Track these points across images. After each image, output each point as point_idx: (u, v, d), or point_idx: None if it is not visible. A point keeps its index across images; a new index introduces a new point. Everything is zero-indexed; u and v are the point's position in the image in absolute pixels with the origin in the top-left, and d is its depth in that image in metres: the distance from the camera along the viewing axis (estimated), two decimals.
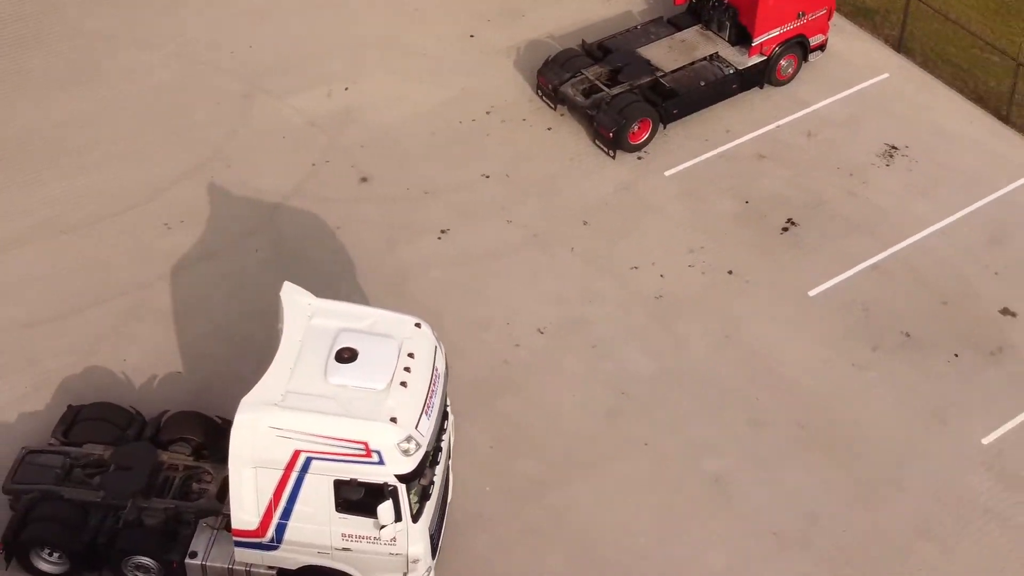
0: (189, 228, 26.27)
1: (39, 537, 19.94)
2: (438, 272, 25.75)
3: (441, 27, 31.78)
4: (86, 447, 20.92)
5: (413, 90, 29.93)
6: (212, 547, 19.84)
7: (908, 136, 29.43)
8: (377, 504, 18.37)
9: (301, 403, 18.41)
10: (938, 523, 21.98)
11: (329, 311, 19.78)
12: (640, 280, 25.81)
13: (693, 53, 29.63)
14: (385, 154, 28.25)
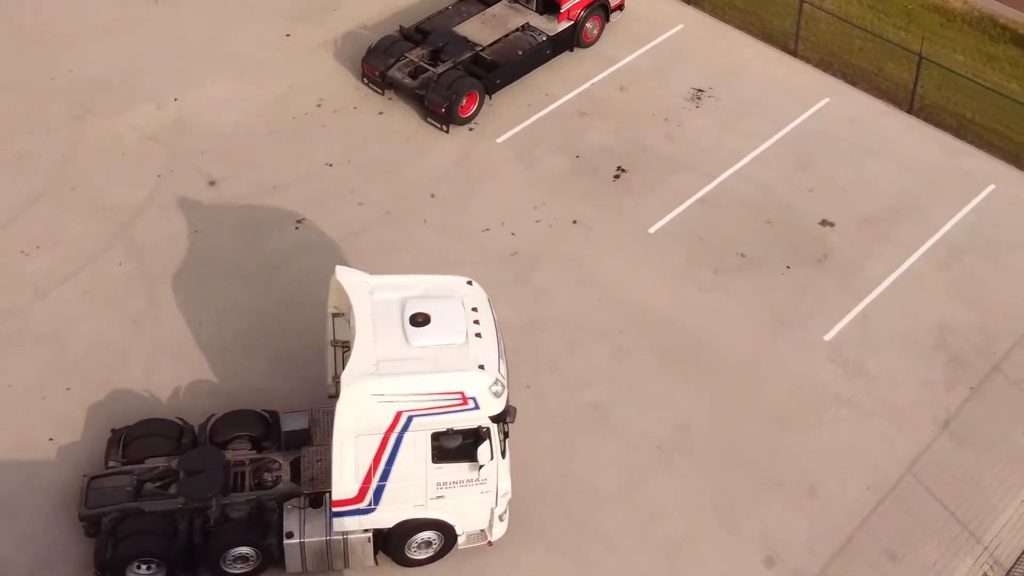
0: (47, 252, 26.54)
1: (135, 552, 20.51)
2: (303, 259, 26.75)
3: (256, 30, 32.61)
4: (148, 462, 21.56)
5: (241, 93, 30.75)
6: (305, 525, 20.91)
7: (710, 79, 31.84)
8: (473, 448, 20.05)
9: (396, 368, 19.89)
10: (797, 415, 24.36)
11: (386, 284, 21.26)
12: (493, 241, 27.40)
13: (506, 26, 31.34)
14: (227, 156, 29.02)
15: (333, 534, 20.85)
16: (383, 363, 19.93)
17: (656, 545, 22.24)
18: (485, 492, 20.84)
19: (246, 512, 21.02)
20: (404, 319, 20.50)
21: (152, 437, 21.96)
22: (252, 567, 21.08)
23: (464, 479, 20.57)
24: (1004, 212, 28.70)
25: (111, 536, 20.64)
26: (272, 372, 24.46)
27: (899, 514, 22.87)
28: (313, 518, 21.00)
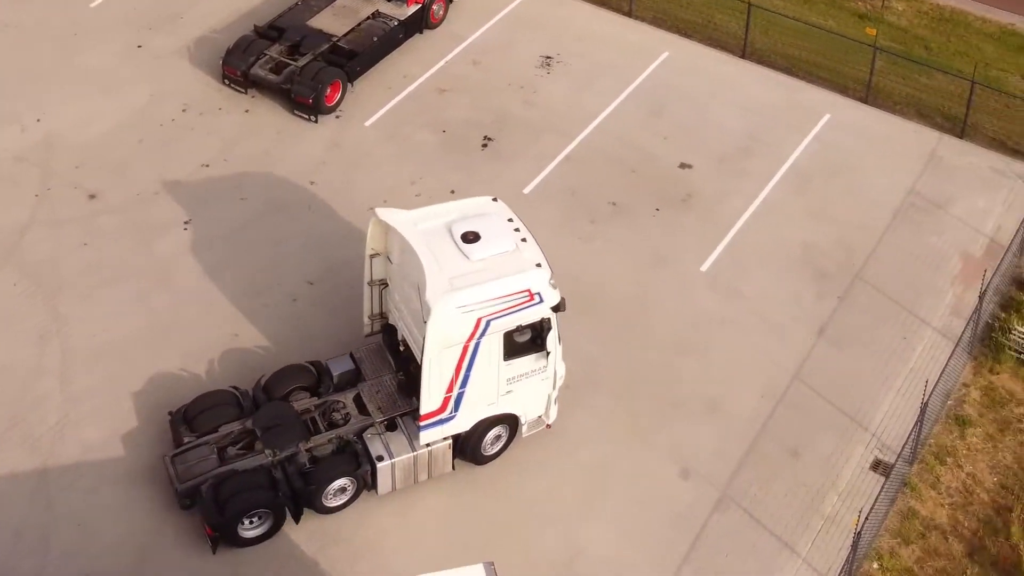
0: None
1: (245, 507, 21.80)
2: (194, 258, 27.38)
3: (106, 44, 32.87)
4: (222, 430, 22.84)
5: (104, 106, 31.03)
6: (390, 447, 22.68)
7: (556, 45, 33.51)
8: (539, 339, 22.44)
9: (470, 280, 21.87)
10: (689, 341, 26.20)
11: (425, 216, 23.01)
12: None
13: (358, 15, 32.38)
14: (102, 169, 29.35)
15: (419, 448, 22.77)
16: (455, 279, 21.92)
17: (578, 470, 23.82)
18: (545, 379, 23.16)
19: (332, 450, 22.78)
20: (456, 240, 22.48)
21: (215, 408, 23.16)
22: (349, 496, 22.77)
23: (530, 370, 22.88)
24: (841, 137, 31.12)
25: (214, 500, 21.87)
26: (187, 366, 25.15)
27: (793, 416, 24.94)
28: (394, 440, 22.91)
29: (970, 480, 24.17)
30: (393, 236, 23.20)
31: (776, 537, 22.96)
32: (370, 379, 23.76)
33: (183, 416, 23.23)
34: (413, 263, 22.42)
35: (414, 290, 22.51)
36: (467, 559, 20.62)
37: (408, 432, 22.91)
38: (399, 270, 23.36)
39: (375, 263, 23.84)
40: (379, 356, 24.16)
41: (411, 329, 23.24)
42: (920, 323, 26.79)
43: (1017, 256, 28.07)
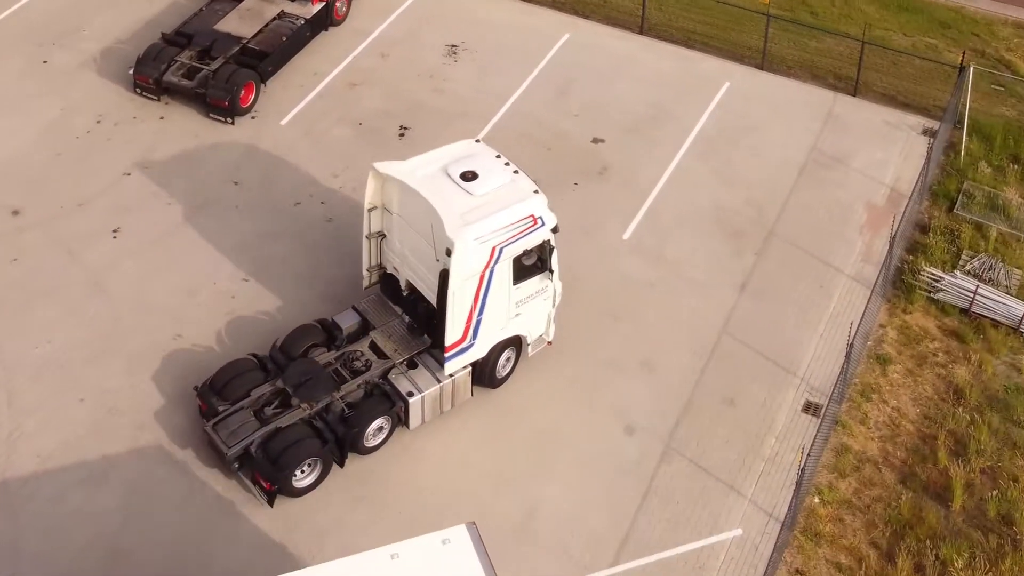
0: None
1: (298, 459, 23.04)
2: (127, 265, 27.59)
3: (10, 61, 32.75)
4: (253, 394, 23.83)
5: (14, 123, 30.95)
6: (416, 383, 24.29)
7: (460, 34, 34.27)
8: (540, 262, 24.42)
9: (480, 214, 23.40)
10: (621, 305, 27.22)
11: (420, 163, 24.50)
12: (307, 212, 28.98)
13: (263, 16, 32.76)
14: (21, 185, 29.33)
15: (444, 380, 24.36)
16: (466, 215, 23.44)
17: (528, 436, 24.67)
18: (546, 299, 25.10)
19: (363, 395, 24.22)
20: (456, 180, 23.97)
21: (242, 375, 24.10)
22: (385, 435, 24.25)
23: (535, 291, 24.73)
24: (742, 103, 32.44)
25: (265, 458, 23.09)
26: (133, 370, 25.40)
27: (725, 368, 26.09)
28: (419, 376, 24.51)
29: (895, 413, 25.58)
30: (391, 187, 24.56)
31: (722, 482, 24.09)
32: (379, 327, 25.26)
33: (211, 387, 23.94)
34: (420, 208, 23.94)
35: (422, 234, 24.09)
36: (427, 527, 21.37)
37: (428, 367, 24.59)
38: (400, 220, 24.71)
39: (372, 216, 25.14)
40: (381, 305, 25.75)
41: (420, 272, 24.77)
42: (834, 271, 28.19)
43: (917, 203, 29.68)
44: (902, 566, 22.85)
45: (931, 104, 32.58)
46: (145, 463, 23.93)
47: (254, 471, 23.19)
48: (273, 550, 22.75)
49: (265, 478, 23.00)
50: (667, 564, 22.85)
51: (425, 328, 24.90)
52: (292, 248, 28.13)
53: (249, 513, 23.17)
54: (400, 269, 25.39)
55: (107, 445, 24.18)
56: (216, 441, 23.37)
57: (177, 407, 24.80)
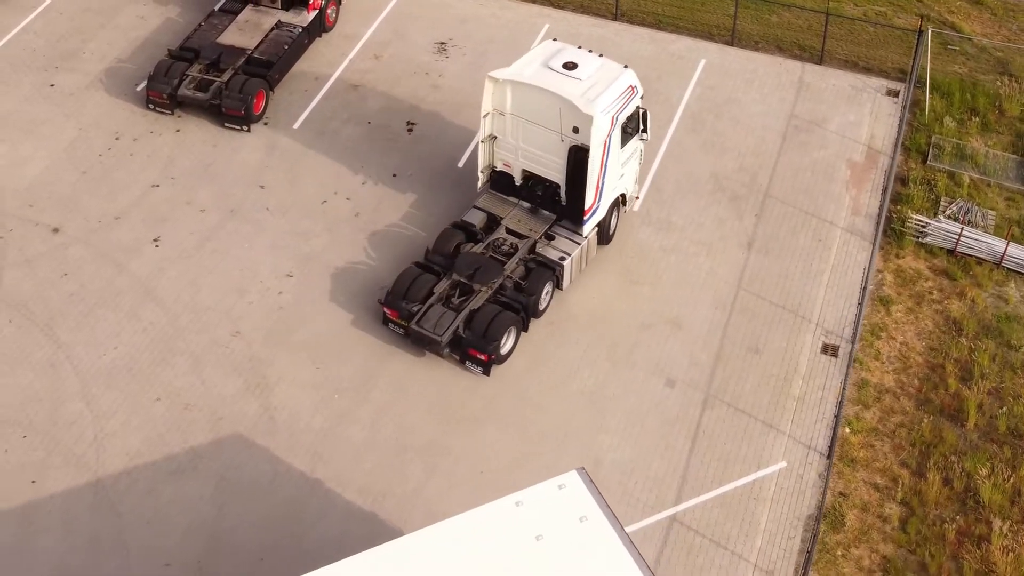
0: None
1: (500, 332, 26.85)
2: (174, 269, 28.99)
3: (17, 88, 33.75)
4: (436, 291, 27.57)
5: (35, 146, 32.06)
6: (561, 249, 28.52)
7: (446, 31, 36.09)
8: (638, 126, 29.01)
9: (596, 91, 27.62)
10: (642, 272, 29.38)
11: (525, 64, 28.42)
12: (335, 209, 30.61)
13: (262, 27, 34.21)
14: (56, 204, 30.48)
15: (582, 241, 28.63)
16: (586, 93, 27.52)
17: (580, 396, 26.71)
18: (637, 159, 29.84)
19: (524, 270, 28.29)
20: (560, 71, 28.05)
21: (416, 280, 27.63)
22: (549, 298, 28.40)
23: (631, 152, 29.26)
24: (719, 78, 34.80)
25: (475, 335, 26.81)
26: (199, 368, 26.85)
27: (745, 320, 28.41)
28: (560, 244, 28.70)
29: (904, 348, 28.13)
30: (506, 91, 28.23)
31: (760, 421, 26.40)
32: (506, 216, 29.16)
33: (397, 296, 27.40)
34: (541, 100, 27.87)
35: (545, 123, 28.04)
36: (497, 491, 23.30)
37: (564, 235, 28.76)
38: (515, 118, 28.49)
39: (486, 121, 28.72)
40: (496, 200, 29.59)
41: (540, 158, 28.70)
42: (829, 225, 30.65)
43: (892, 158, 32.32)
44: (932, 480, 25.41)
45: (889, 67, 35.29)
46: (228, 452, 25.48)
47: (467, 349, 26.93)
48: (363, 522, 24.49)
49: (480, 351, 26.79)
50: (724, 499, 25.11)
51: (547, 206, 29.18)
52: (326, 243, 29.74)
53: (337, 489, 24.87)
54: (514, 163, 29.20)
55: (189, 438, 25.68)
56: (425, 334, 26.89)
57: (249, 398, 26.37)
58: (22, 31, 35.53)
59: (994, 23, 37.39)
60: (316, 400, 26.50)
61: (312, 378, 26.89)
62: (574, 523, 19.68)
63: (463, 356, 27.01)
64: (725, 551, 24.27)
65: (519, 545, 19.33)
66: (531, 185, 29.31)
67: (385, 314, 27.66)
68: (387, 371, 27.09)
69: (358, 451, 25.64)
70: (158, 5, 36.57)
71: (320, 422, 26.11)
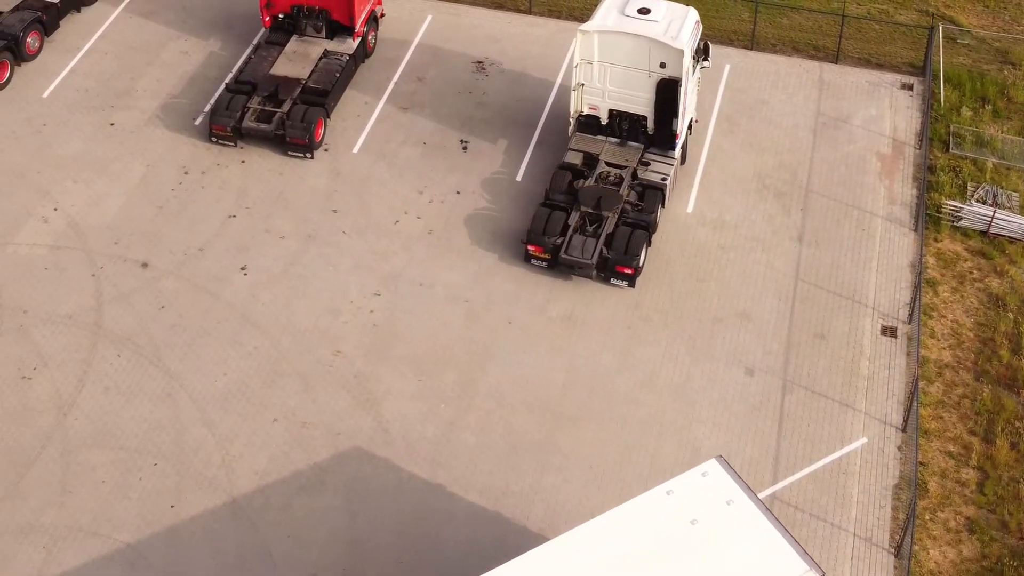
0: (40, 373, 28.53)
1: (639, 246, 30.73)
2: (266, 295, 30.42)
3: (78, 129, 34.79)
4: (570, 223, 31.19)
5: (108, 184, 33.22)
6: (660, 172, 32.58)
7: (480, 50, 37.77)
8: (704, 55, 33.25)
9: (674, 29, 31.77)
10: (705, 270, 31.40)
11: (603, 17, 32.10)
12: (408, 228, 32.22)
13: (311, 57, 35.63)
14: (138, 240, 31.71)
15: (673, 162, 32.81)
16: (667, 32, 31.67)
17: (669, 391, 28.62)
18: (697, 86, 34.42)
19: (635, 194, 32.20)
20: (637, 16, 32.05)
21: (550, 217, 31.27)
22: (659, 215, 32.27)
23: (697, 79, 33.66)
24: (745, 81, 36.93)
25: (618, 254, 30.56)
26: (309, 387, 28.39)
27: (808, 309, 30.53)
28: (657, 168, 32.62)
29: (955, 325, 30.44)
30: (592, 41, 32.01)
31: (837, 402, 28.53)
32: (601, 152, 32.97)
33: (538, 233, 31.00)
34: (628, 45, 31.82)
35: (633, 63, 31.95)
36: (608, 483, 25.15)
37: (657, 160, 32.68)
38: (601, 64, 32.29)
39: (576, 71, 32.54)
40: (586, 139, 33.33)
41: (629, 96, 32.59)
42: (869, 215, 32.90)
43: (923, 148, 34.66)
44: (1000, 445, 27.73)
45: (899, 61, 37.67)
46: (351, 464, 27.04)
47: (613, 267, 30.65)
48: (489, 521, 26.19)
49: (625, 267, 30.56)
50: (816, 476, 27.20)
51: (633, 137, 33.16)
52: (406, 261, 31.33)
53: (459, 492, 26.54)
54: (600, 104, 33.00)
55: (312, 455, 27.19)
56: (576, 260, 30.53)
57: (361, 413, 27.94)
58: (71, 72, 36.62)
59: (987, 15, 39.96)
60: (424, 410, 28.18)
61: (416, 389, 28.57)
62: (722, 506, 21.62)
63: (609, 274, 30.87)
64: (824, 523, 26.38)
65: (677, 529, 21.23)
66: (619, 122, 33.14)
67: (528, 251, 31.22)
68: (486, 379, 28.82)
69: (472, 454, 27.38)
70: (199, 40, 37.86)
71: (432, 430, 27.79)
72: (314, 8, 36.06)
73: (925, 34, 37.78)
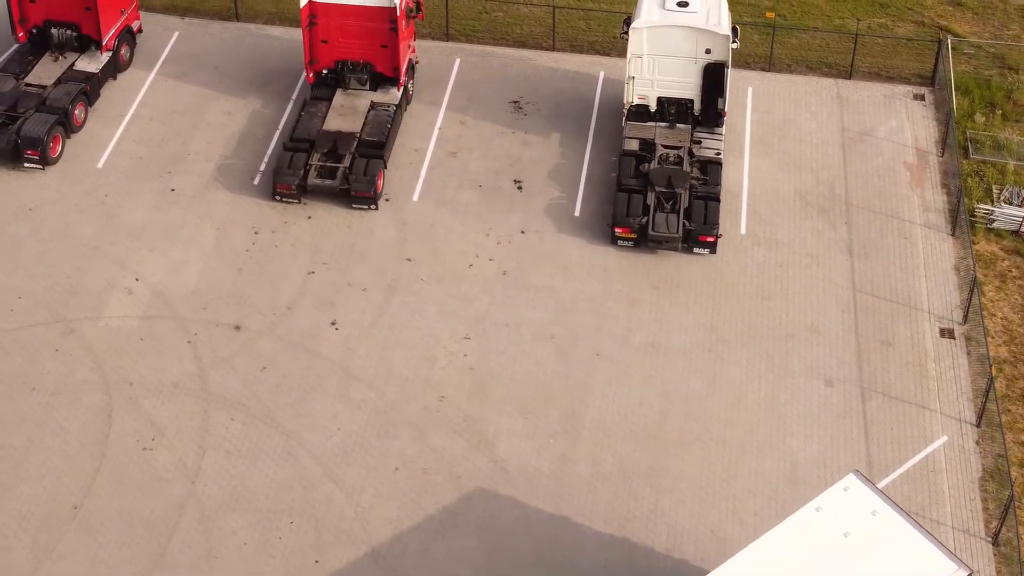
0: (160, 443, 29.53)
1: (715, 216, 34.08)
2: (361, 348, 31.70)
3: (140, 197, 35.58)
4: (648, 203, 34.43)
5: (183, 251, 34.12)
6: (712, 147, 36.06)
7: (515, 90, 39.33)
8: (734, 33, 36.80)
9: (714, 16, 35.70)
10: (767, 288, 33.36)
11: (648, 13, 35.67)
12: (483, 270, 33.71)
13: (359, 110, 36.87)
14: (226, 303, 32.71)
15: (723, 136, 36.52)
16: (709, 21, 35.49)
17: (756, 408, 30.49)
18: None
19: (699, 168, 35.84)
20: (677, 9, 35.80)
21: (630, 200, 34.31)
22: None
23: None
24: (769, 103, 39.00)
25: (699, 225, 33.90)
26: (422, 435, 29.74)
27: (870, 318, 32.64)
28: (708, 144, 36.19)
29: (1005, 321, 32.78)
30: (642, 36, 35.62)
31: (913, 404, 30.67)
32: (655, 136, 36.34)
33: (620, 215, 34.07)
34: (675, 36, 35.52)
35: (681, 52, 35.61)
36: (722, 501, 26.98)
37: (706, 135, 36.16)
38: (650, 57, 35.89)
39: (631, 65, 36.00)
40: (638, 127, 36.61)
41: (677, 82, 36.19)
42: (908, 223, 35.13)
43: (938, 156, 36.97)
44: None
45: (907, 73, 40.04)
46: (478, 504, 28.50)
47: (696, 237, 33.83)
48: (617, 546, 27.79)
49: (707, 235, 33.85)
50: (908, 475, 29.30)
51: (680, 120, 36.44)
52: (488, 303, 32.79)
53: (584, 521, 28.12)
54: (649, 93, 36.48)
55: (438, 498, 28.60)
56: (663, 236, 33.77)
57: (477, 454, 29.38)
58: (120, 140, 37.38)
59: (978, 21, 42.52)
60: (535, 446, 29.71)
61: (524, 427, 30.09)
62: (868, 517, 23.54)
63: (692, 244, 34.08)
64: (924, 519, 28.46)
65: (833, 542, 23.11)
66: (667, 107, 36.57)
67: (615, 234, 34.18)
68: (588, 411, 30.43)
69: (589, 485, 28.99)
70: (238, 99, 38.85)
71: (547, 465, 29.34)
72: (358, 62, 37.31)
73: (926, 45, 40.22)
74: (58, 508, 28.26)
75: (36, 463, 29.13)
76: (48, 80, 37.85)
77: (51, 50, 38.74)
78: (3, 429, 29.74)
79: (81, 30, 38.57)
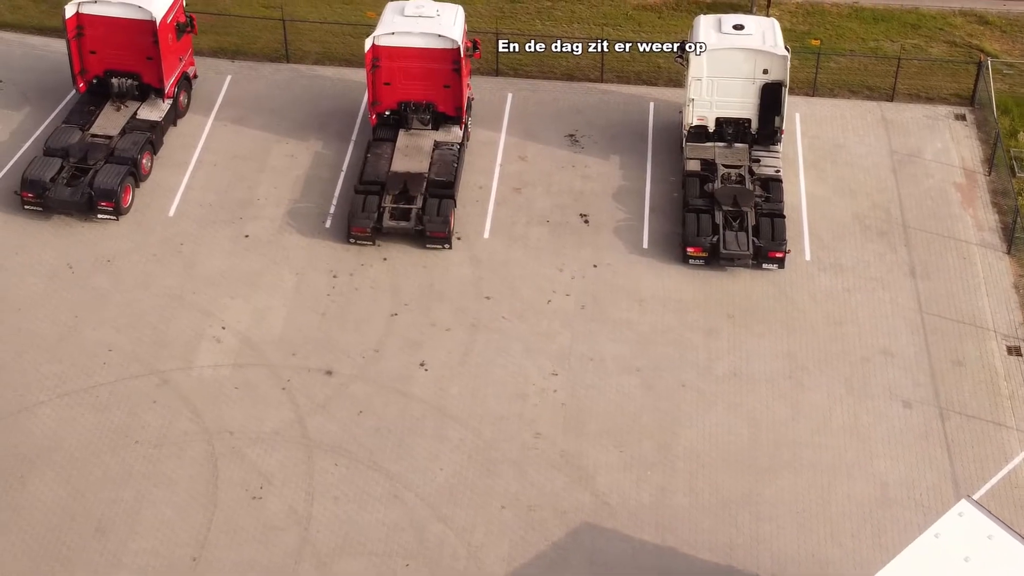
0: (270, 491, 30.20)
1: (783, 231, 35.32)
2: (454, 387, 32.48)
3: (215, 245, 36.23)
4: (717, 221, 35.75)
5: (266, 297, 34.75)
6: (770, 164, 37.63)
7: (569, 123, 40.31)
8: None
9: (769, 38, 37.51)
10: (836, 313, 34.44)
11: (706, 38, 37.41)
12: (560, 307, 34.63)
13: (424, 149, 37.69)
14: (312, 348, 33.35)
15: (779, 153, 38.25)
16: (765, 43, 37.16)
17: (841, 433, 31.53)
18: None
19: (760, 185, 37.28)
20: (734, 32, 37.60)
21: (698, 218, 35.75)
22: None
23: None
24: (817, 128, 40.21)
25: (762, 240, 35.22)
26: (527, 472, 30.54)
27: (939, 338, 33.84)
28: (767, 162, 37.70)
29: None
30: (702, 61, 37.17)
31: (990, 422, 31.86)
32: (715, 156, 37.69)
33: (691, 234, 35.45)
34: (734, 58, 37.21)
35: (739, 74, 37.29)
36: (820, 524, 28.07)
37: (764, 153, 37.80)
38: (710, 79, 37.41)
39: (690, 87, 37.59)
40: (698, 148, 37.99)
41: (735, 103, 37.68)
42: (964, 243, 36.35)
43: (986, 175, 38.23)
44: None
45: (946, 94, 41.37)
46: (586, 538, 29.38)
47: (766, 253, 35.11)
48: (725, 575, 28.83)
49: (776, 251, 35.16)
50: (993, 492, 30.46)
51: (738, 139, 37.98)
52: (570, 338, 33.69)
53: (691, 551, 29.03)
54: (708, 115, 37.87)
55: (546, 535, 29.42)
56: (735, 253, 35.09)
57: (578, 489, 30.26)
58: (188, 188, 38.00)
59: (1007, 40, 43.90)
60: (634, 479, 30.64)
61: (620, 460, 31.01)
62: (986, 541, 24.60)
63: (762, 260, 35.27)
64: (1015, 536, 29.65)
65: (957, 568, 24.15)
66: (724, 128, 37.98)
67: (687, 253, 35.56)
68: (680, 442, 31.41)
69: (690, 515, 29.95)
70: (299, 141, 39.55)
71: (647, 497, 30.28)
72: (421, 102, 38.08)
73: (960, 65, 41.49)
74: (176, 561, 28.92)
75: (148, 516, 29.77)
76: (113, 130, 38.44)
77: (112, 100, 39.37)
78: (112, 483, 30.37)
79: (142, 79, 39.20)
